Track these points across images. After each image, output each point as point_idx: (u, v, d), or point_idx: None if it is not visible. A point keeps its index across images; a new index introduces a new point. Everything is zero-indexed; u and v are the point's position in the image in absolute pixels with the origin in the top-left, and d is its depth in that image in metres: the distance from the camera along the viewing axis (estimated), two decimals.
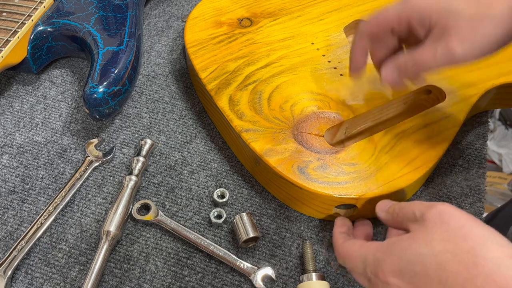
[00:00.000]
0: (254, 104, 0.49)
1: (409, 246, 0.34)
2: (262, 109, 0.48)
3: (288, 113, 0.48)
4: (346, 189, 0.44)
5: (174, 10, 0.65)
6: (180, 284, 0.44)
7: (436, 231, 0.34)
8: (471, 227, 0.33)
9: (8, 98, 0.56)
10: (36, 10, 0.54)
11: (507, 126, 1.49)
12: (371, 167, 0.45)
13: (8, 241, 0.45)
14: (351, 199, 0.43)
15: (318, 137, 0.47)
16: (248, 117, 0.48)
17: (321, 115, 0.48)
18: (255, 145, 0.46)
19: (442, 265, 0.32)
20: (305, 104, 0.49)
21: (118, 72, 0.49)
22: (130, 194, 0.47)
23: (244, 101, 0.49)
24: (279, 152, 0.45)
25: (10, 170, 0.50)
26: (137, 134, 0.53)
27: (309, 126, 0.48)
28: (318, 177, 0.44)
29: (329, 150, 0.46)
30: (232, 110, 0.48)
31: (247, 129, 0.47)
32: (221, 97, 0.49)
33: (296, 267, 0.45)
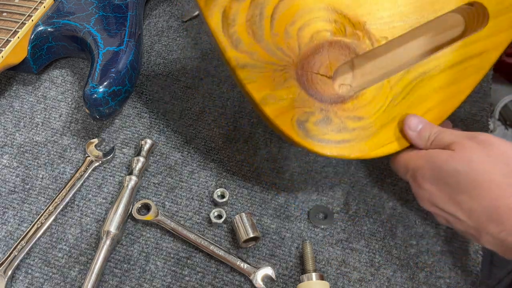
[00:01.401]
0: (254, 24, 0.40)
1: (446, 160, 0.37)
2: (263, 34, 0.40)
3: (294, 40, 0.40)
4: (343, 149, 0.40)
5: (174, 10, 0.65)
6: (180, 284, 0.44)
7: (478, 152, 0.36)
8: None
9: (8, 98, 0.56)
10: (36, 10, 0.54)
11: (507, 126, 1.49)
12: (377, 122, 0.41)
13: (8, 241, 0.46)
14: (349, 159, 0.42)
15: (326, 79, 0.41)
16: (245, 45, 0.40)
17: (333, 45, 0.41)
18: (251, 88, 0.40)
19: (476, 183, 0.35)
20: (316, 27, 0.41)
21: (118, 72, 0.49)
22: (130, 194, 0.47)
23: (242, 19, 0.40)
24: (278, 99, 0.40)
25: (11, 170, 0.50)
26: (137, 134, 0.53)
27: (317, 62, 0.41)
28: (317, 134, 0.40)
29: (335, 98, 0.41)
30: (226, 34, 0.40)
31: (243, 65, 0.40)
32: (212, 10, 0.40)
33: (296, 267, 0.45)
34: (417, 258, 0.45)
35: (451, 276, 0.44)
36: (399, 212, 0.48)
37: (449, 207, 0.37)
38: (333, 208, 0.48)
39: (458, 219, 0.37)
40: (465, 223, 0.36)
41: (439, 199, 0.37)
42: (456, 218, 0.37)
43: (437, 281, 0.44)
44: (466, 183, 0.35)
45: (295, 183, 0.50)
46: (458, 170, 0.36)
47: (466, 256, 0.45)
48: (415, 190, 0.40)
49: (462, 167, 0.36)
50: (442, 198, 0.37)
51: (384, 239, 0.46)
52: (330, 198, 0.49)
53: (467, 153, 0.36)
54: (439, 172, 0.37)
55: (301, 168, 0.51)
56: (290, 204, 0.48)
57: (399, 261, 0.45)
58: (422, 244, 0.46)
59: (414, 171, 0.39)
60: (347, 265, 0.45)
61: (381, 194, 0.49)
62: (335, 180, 0.50)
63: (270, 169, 0.51)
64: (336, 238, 0.46)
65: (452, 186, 0.36)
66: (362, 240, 0.46)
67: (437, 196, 0.37)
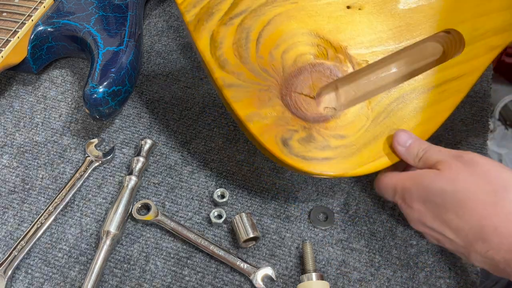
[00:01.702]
0: (240, 47, 0.42)
1: (433, 180, 0.37)
2: (248, 56, 0.42)
3: (278, 62, 0.42)
4: (327, 167, 0.41)
5: (174, 10, 0.65)
6: (180, 284, 0.44)
7: (462, 172, 0.36)
8: (496, 171, 0.36)
9: (8, 98, 0.56)
10: (36, 10, 0.54)
11: (507, 126, 1.49)
12: (359, 141, 0.42)
13: (8, 241, 0.46)
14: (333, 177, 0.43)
15: (309, 99, 0.42)
16: (232, 66, 0.42)
17: (315, 68, 0.43)
18: (237, 106, 0.41)
19: (461, 202, 0.35)
20: (299, 50, 0.43)
21: (118, 72, 0.49)
22: (130, 194, 0.47)
23: (229, 43, 0.42)
24: (262, 117, 0.41)
25: (10, 170, 0.50)
26: (137, 134, 0.53)
27: (300, 83, 0.42)
28: (301, 151, 0.41)
29: (318, 117, 0.42)
30: (214, 56, 0.42)
31: (229, 84, 0.41)
32: (201, 34, 0.42)
33: (296, 267, 0.45)
34: (417, 258, 0.45)
35: (451, 276, 0.44)
36: (399, 212, 0.48)
37: (437, 226, 0.37)
38: (333, 208, 0.48)
39: (447, 238, 0.37)
40: (454, 241, 0.37)
41: (427, 218, 0.38)
42: (445, 237, 0.37)
43: (437, 281, 0.44)
44: (452, 202, 0.36)
45: (295, 183, 0.50)
46: (444, 189, 0.36)
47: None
48: (404, 211, 0.40)
49: (447, 187, 0.36)
50: (430, 217, 0.38)
51: (384, 239, 0.46)
52: (330, 198, 0.49)
53: (453, 173, 0.37)
54: (426, 192, 0.37)
55: None
56: (290, 204, 0.48)
57: (399, 261, 0.45)
58: (422, 244, 0.46)
59: (403, 192, 0.39)
60: (347, 265, 0.45)
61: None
62: (335, 180, 0.50)
63: (270, 169, 0.51)
64: (336, 238, 0.46)
65: (439, 205, 0.37)
66: (362, 240, 0.46)
67: (426, 215, 0.38)
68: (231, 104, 0.41)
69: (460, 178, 0.36)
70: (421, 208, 0.38)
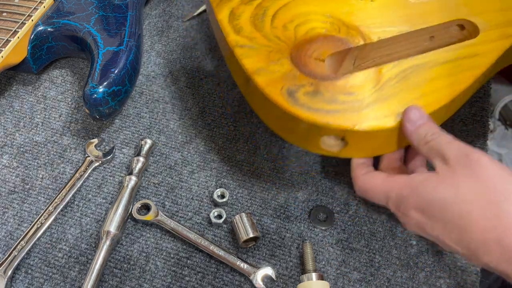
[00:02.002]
0: (256, 19, 0.45)
1: (434, 189, 0.35)
2: (263, 26, 0.44)
3: (290, 32, 0.44)
4: (334, 118, 0.39)
5: (174, 10, 0.65)
6: (180, 284, 0.44)
7: (465, 179, 0.34)
8: (501, 179, 0.34)
9: (8, 98, 0.56)
10: (36, 10, 0.54)
11: (507, 126, 1.49)
12: (370, 98, 0.40)
13: (8, 241, 0.46)
14: (338, 130, 0.39)
15: (319, 61, 0.42)
16: (246, 32, 0.44)
17: (327, 39, 0.44)
18: (246, 61, 0.42)
19: (463, 213, 0.34)
20: (312, 24, 0.45)
21: (118, 72, 0.49)
22: (130, 194, 0.47)
23: (246, 16, 0.45)
24: (270, 72, 0.41)
25: (10, 170, 0.50)
26: (137, 134, 0.53)
27: (311, 48, 0.43)
28: (307, 102, 0.40)
29: (326, 77, 0.41)
30: (231, 24, 0.45)
31: (242, 45, 0.43)
32: (222, 9, 0.46)
33: (296, 267, 0.45)
34: (417, 258, 0.45)
35: (451, 276, 0.44)
36: None
37: (437, 235, 0.36)
38: (333, 208, 0.48)
39: (447, 244, 0.36)
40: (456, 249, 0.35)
41: (426, 227, 0.36)
42: (445, 244, 0.36)
43: (437, 281, 0.44)
44: (453, 214, 0.34)
45: (295, 183, 0.50)
46: (446, 199, 0.35)
47: None
48: (399, 217, 0.38)
49: (449, 196, 0.34)
50: (430, 227, 0.36)
51: (384, 239, 0.46)
52: (330, 198, 0.49)
53: (455, 180, 0.35)
54: (426, 202, 0.36)
55: (301, 168, 0.51)
56: (290, 204, 0.48)
57: (399, 261, 0.45)
58: (422, 244, 0.46)
59: (398, 200, 0.37)
60: (347, 265, 0.45)
61: None
62: (335, 180, 0.50)
63: (270, 169, 0.51)
64: (336, 238, 0.46)
65: (440, 216, 0.35)
66: (362, 240, 0.46)
67: (424, 224, 0.36)
68: (241, 60, 0.42)
69: (463, 186, 0.34)
70: (419, 217, 0.36)
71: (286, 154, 0.52)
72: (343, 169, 0.51)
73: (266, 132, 0.53)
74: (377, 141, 0.41)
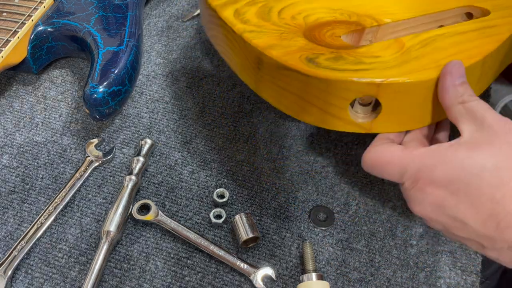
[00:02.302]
0: (262, 14, 0.43)
1: (468, 155, 0.31)
2: (270, 17, 0.43)
3: (300, 21, 0.42)
4: (365, 73, 0.35)
5: (174, 10, 0.65)
6: (180, 284, 0.44)
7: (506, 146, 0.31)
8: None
9: (8, 98, 0.56)
10: (36, 10, 0.54)
11: None
12: (397, 59, 0.37)
13: (8, 241, 0.46)
14: (371, 85, 0.35)
15: (334, 37, 0.40)
16: (253, 22, 0.42)
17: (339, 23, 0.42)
18: (257, 41, 0.39)
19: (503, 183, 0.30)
20: (321, 15, 0.43)
21: (118, 72, 0.49)
22: (130, 194, 0.47)
23: (251, 12, 0.43)
24: (284, 47, 0.38)
25: (10, 170, 0.50)
26: (137, 134, 0.53)
27: (324, 29, 0.41)
28: (330, 65, 0.36)
29: (346, 46, 0.39)
30: (237, 19, 0.42)
31: (250, 30, 0.41)
32: (225, 9, 0.44)
33: (296, 267, 0.45)
34: (417, 258, 0.45)
35: (451, 276, 0.44)
36: (399, 212, 0.48)
37: (458, 212, 0.32)
38: (333, 208, 0.48)
39: (465, 225, 0.32)
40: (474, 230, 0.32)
41: (447, 203, 0.32)
42: (463, 224, 0.32)
43: (437, 281, 0.44)
44: (490, 183, 0.30)
45: (295, 183, 0.50)
46: (483, 165, 0.30)
47: (466, 256, 0.45)
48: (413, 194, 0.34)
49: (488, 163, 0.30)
50: (453, 202, 0.32)
51: (384, 239, 0.46)
52: (330, 198, 0.49)
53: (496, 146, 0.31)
54: (455, 172, 0.31)
55: (301, 168, 0.51)
56: (290, 204, 0.48)
57: (399, 261, 0.45)
58: (422, 244, 0.46)
59: (418, 172, 0.33)
60: (347, 265, 0.45)
61: (381, 194, 0.49)
62: (335, 180, 0.50)
63: (270, 169, 0.51)
64: (336, 238, 0.46)
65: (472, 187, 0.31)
66: (362, 240, 0.46)
67: (445, 200, 0.32)
68: (251, 41, 0.39)
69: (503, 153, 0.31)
70: (440, 191, 0.32)
71: (286, 154, 0.52)
72: (343, 169, 0.51)
73: (266, 132, 0.53)
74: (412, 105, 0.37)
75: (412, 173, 0.34)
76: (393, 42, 0.39)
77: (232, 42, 0.44)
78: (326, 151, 0.52)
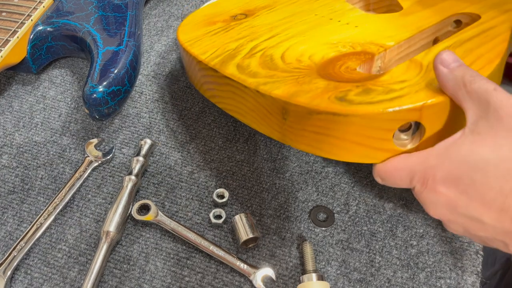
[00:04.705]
0: (267, 63, 0.42)
1: (472, 150, 0.30)
2: (277, 65, 0.42)
3: (307, 62, 0.42)
4: (403, 100, 0.34)
5: (173, 10, 0.65)
6: (180, 284, 0.44)
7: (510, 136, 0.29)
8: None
9: (7, 98, 0.56)
10: (35, 10, 0.54)
11: None
12: (424, 80, 0.36)
13: (8, 241, 0.45)
14: (413, 111, 0.34)
15: (350, 70, 0.39)
16: (262, 74, 0.41)
17: (348, 55, 0.42)
18: (277, 92, 0.38)
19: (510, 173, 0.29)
20: (325, 52, 0.43)
21: (118, 72, 0.49)
22: (130, 194, 0.47)
23: (255, 64, 0.43)
24: (308, 91, 0.37)
25: (10, 170, 0.50)
26: (137, 134, 0.53)
27: (337, 65, 0.40)
28: (363, 100, 0.35)
29: (367, 77, 0.38)
30: (243, 73, 0.42)
31: (264, 82, 0.40)
32: (227, 67, 0.43)
33: (296, 267, 0.45)
34: (417, 258, 0.45)
35: (451, 277, 0.44)
36: (399, 213, 0.48)
37: (472, 211, 0.31)
38: (333, 208, 0.48)
39: (482, 224, 0.31)
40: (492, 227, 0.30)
41: (460, 203, 0.31)
42: (480, 223, 0.31)
43: (438, 282, 0.44)
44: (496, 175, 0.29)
45: (295, 183, 0.50)
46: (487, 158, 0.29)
47: (466, 257, 0.45)
48: (426, 197, 0.33)
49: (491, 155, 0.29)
50: (464, 201, 0.31)
51: (385, 240, 0.46)
52: (330, 198, 0.49)
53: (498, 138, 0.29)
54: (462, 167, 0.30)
55: (301, 168, 0.51)
56: (290, 204, 0.48)
57: (399, 261, 0.45)
58: (423, 245, 0.46)
59: (425, 173, 0.32)
60: (347, 265, 0.45)
61: (381, 194, 0.49)
62: (335, 180, 0.50)
63: (270, 169, 0.51)
64: (336, 239, 0.46)
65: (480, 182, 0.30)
66: (362, 240, 0.46)
67: (457, 199, 0.31)
68: (270, 93, 0.38)
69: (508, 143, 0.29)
70: (450, 191, 0.31)
71: (286, 154, 0.52)
72: (343, 169, 0.51)
73: None
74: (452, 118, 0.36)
75: (420, 176, 0.33)
76: (409, 63, 0.39)
77: (245, 98, 0.42)
78: None
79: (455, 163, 0.31)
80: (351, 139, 0.36)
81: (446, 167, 0.31)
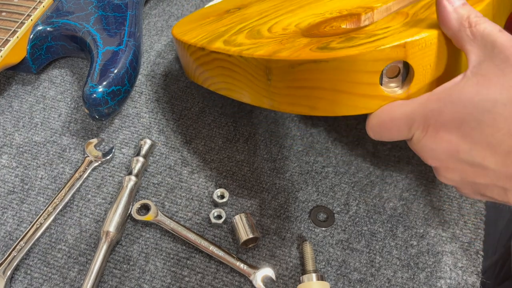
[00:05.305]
0: (253, 35, 0.42)
1: (478, 92, 0.28)
2: (262, 35, 0.41)
3: (293, 29, 0.40)
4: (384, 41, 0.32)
5: (173, 10, 0.65)
6: (180, 284, 0.44)
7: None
8: None
9: (7, 98, 0.56)
10: (35, 10, 0.54)
11: None
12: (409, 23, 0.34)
13: (8, 241, 0.45)
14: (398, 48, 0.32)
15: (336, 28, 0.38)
16: (247, 42, 0.40)
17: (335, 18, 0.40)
18: (260, 52, 0.37)
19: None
20: (312, 19, 0.41)
21: (118, 72, 0.49)
22: (130, 194, 0.47)
23: (241, 37, 0.42)
24: (289, 48, 0.36)
25: (10, 170, 0.50)
26: (137, 134, 0.53)
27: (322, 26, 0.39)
28: (346, 45, 0.33)
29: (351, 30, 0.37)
30: (228, 45, 0.41)
31: (247, 48, 0.39)
32: (214, 44, 0.43)
33: (296, 267, 0.45)
34: (417, 258, 0.45)
35: (451, 277, 0.44)
36: (400, 213, 0.48)
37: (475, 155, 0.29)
38: (333, 209, 0.48)
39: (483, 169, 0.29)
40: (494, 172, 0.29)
41: (462, 147, 0.29)
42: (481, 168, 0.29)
43: (438, 282, 0.44)
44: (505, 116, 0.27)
45: (295, 183, 0.50)
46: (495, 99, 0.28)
47: (466, 257, 0.45)
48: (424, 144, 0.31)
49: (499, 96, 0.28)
50: (467, 145, 0.29)
51: (385, 240, 0.46)
52: (330, 199, 0.49)
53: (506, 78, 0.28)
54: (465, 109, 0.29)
55: (301, 168, 0.51)
56: (290, 204, 0.48)
57: (399, 261, 0.45)
58: (423, 245, 0.46)
59: (426, 118, 0.30)
60: (347, 265, 0.45)
61: (381, 195, 0.49)
62: (335, 180, 0.50)
63: (270, 169, 0.51)
64: (336, 239, 0.46)
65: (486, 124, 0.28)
66: (362, 240, 0.46)
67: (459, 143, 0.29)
68: (253, 54, 0.37)
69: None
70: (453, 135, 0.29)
71: (286, 154, 0.52)
72: (343, 169, 0.51)
73: (266, 132, 0.53)
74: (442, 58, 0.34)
75: (420, 122, 0.31)
76: (396, 15, 0.37)
77: (232, 69, 0.42)
78: (326, 151, 0.52)
79: (459, 106, 0.29)
80: (337, 88, 0.35)
81: (449, 110, 0.29)
